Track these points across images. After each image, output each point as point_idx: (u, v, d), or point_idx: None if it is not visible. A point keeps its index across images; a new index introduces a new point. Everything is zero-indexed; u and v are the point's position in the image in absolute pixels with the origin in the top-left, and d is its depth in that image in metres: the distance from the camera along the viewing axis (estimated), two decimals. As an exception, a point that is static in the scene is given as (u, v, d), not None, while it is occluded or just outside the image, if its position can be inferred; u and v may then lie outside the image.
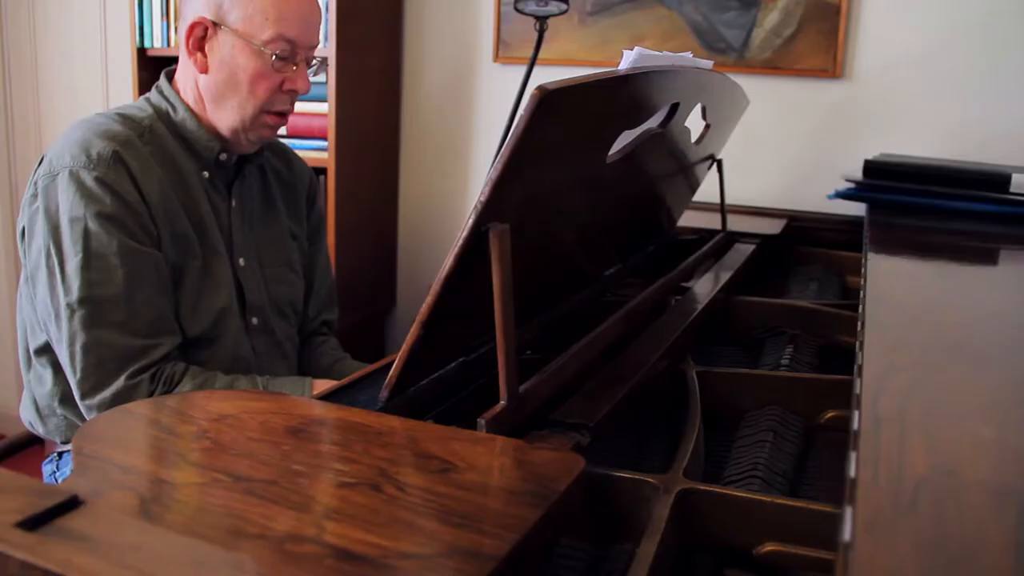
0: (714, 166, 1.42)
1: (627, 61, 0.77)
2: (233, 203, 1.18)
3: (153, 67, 1.91)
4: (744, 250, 1.41)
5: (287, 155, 1.33)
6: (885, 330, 0.74)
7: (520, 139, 0.63)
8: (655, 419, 0.94)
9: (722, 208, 1.45)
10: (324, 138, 1.78)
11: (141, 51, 1.92)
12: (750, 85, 1.76)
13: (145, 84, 1.87)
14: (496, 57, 1.94)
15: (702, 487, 0.68)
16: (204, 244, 1.12)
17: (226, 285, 1.13)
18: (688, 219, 1.55)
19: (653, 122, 0.98)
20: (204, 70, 1.12)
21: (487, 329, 0.84)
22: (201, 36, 1.11)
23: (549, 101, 0.63)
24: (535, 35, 1.50)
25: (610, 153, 0.87)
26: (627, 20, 1.77)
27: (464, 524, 0.51)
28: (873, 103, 1.72)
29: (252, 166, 1.23)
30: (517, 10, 1.43)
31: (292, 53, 1.11)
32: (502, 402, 0.68)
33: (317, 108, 1.78)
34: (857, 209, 1.58)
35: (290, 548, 0.48)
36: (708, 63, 1.08)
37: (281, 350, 1.24)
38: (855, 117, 1.74)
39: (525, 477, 0.57)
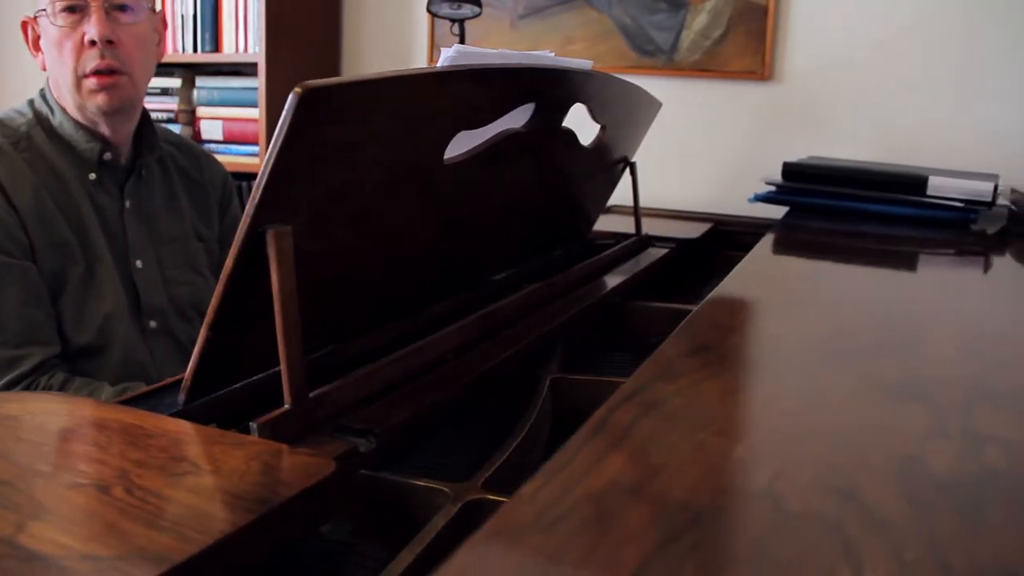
0: (627, 169, 1.40)
1: (444, 59, 0.76)
2: (127, 204, 1.17)
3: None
4: (656, 254, 1.39)
5: (197, 156, 1.32)
6: (695, 333, 0.72)
7: (286, 139, 0.62)
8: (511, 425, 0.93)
9: (635, 211, 1.43)
10: (256, 143, 1.79)
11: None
12: (679, 88, 1.75)
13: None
14: (430, 61, 1.94)
15: (492, 498, 0.66)
16: (86, 250, 1.11)
17: (113, 290, 1.12)
18: (621, 224, 1.53)
19: (514, 122, 0.97)
20: (44, 67, 1.14)
21: (321, 333, 0.84)
22: (36, 37, 1.14)
23: (313, 100, 0.62)
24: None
25: (449, 155, 0.86)
26: (557, 23, 1.76)
27: (166, 528, 0.50)
28: (802, 105, 1.70)
29: (152, 165, 1.22)
30: (430, 12, 1.42)
31: (83, 4, 1.10)
32: (285, 406, 0.67)
33: (248, 113, 1.79)
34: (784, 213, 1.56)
35: (-25, 549, 0.47)
36: (586, 63, 1.07)
37: (183, 353, 1.23)
38: (784, 119, 1.72)
39: (261, 482, 0.56)
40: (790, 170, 1.45)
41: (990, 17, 1.64)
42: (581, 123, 1.12)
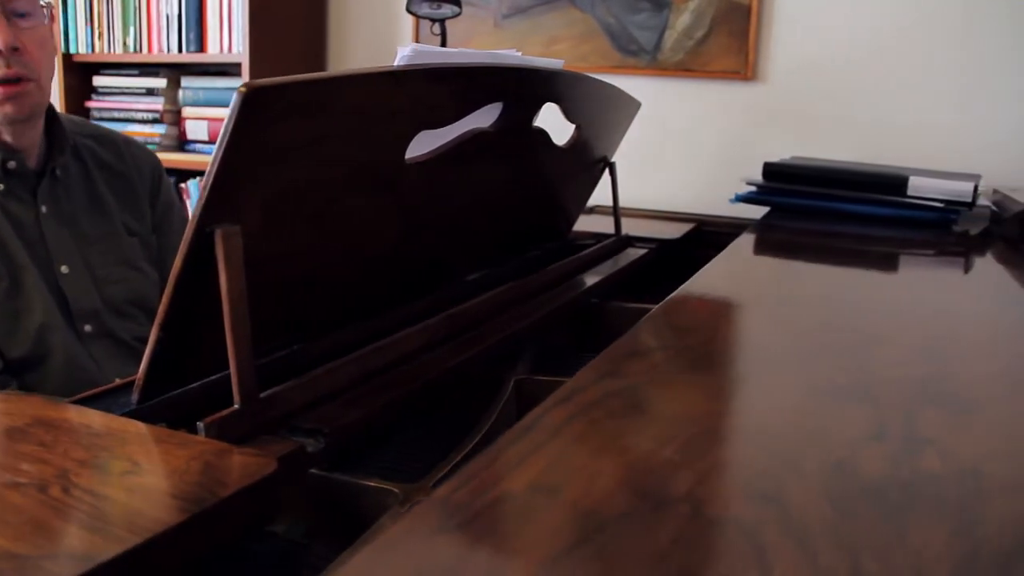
0: (607, 169, 1.40)
1: (400, 59, 0.76)
2: (43, 209, 1.14)
3: (80, 73, 1.93)
4: (635, 255, 1.39)
5: (118, 146, 1.28)
6: (648, 334, 0.72)
7: (231, 139, 0.62)
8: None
9: (615, 212, 1.43)
10: (240, 142, 1.79)
11: (67, 57, 1.94)
12: (663, 88, 1.75)
13: (72, 90, 1.89)
14: (416, 61, 1.94)
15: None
16: (7, 263, 1.08)
17: (41, 300, 1.10)
18: (604, 225, 1.53)
19: (482, 122, 0.96)
20: None
21: (285, 332, 0.84)
22: None
23: (259, 99, 0.62)
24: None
25: (412, 154, 0.86)
26: (541, 23, 1.76)
27: (97, 527, 0.50)
28: (786, 105, 1.70)
29: (68, 165, 1.19)
30: (410, 12, 1.42)
31: None
32: (235, 406, 0.67)
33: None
34: (769, 213, 1.55)
35: (-99, 548, 0.47)
36: (557, 62, 1.07)
37: (130, 351, 1.20)
38: (768, 119, 1.71)
39: (200, 481, 0.56)
40: (771, 170, 1.44)
41: (982, 18, 1.63)
42: (560, 123, 1.12)
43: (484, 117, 0.97)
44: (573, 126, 1.19)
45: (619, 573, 0.36)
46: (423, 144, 0.89)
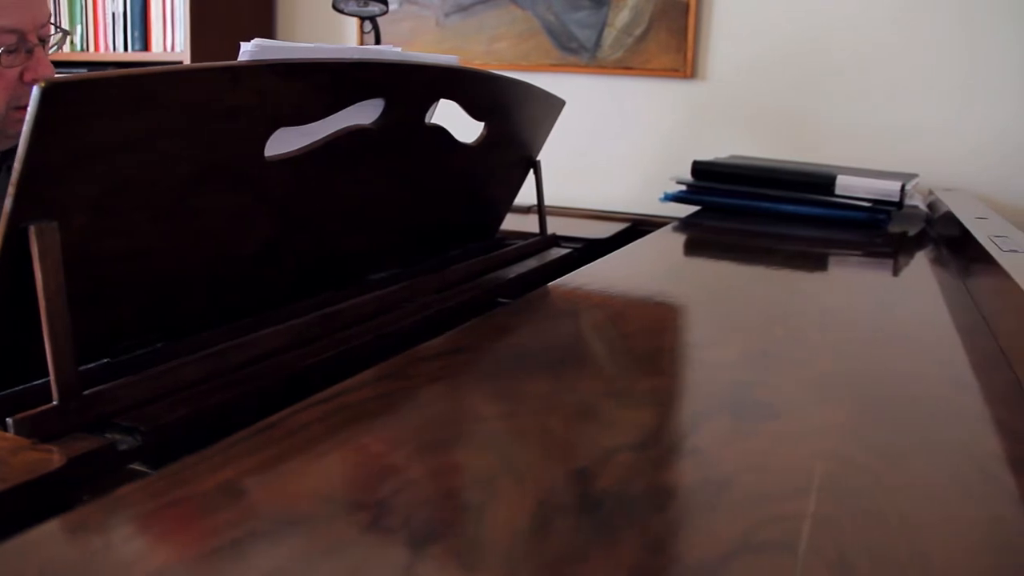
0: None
1: (242, 55, 0.75)
2: None
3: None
4: (558, 254, 1.38)
5: None
6: (472, 332, 0.71)
7: (32, 137, 0.62)
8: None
9: (539, 211, 1.42)
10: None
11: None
12: (603, 86, 1.73)
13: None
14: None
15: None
16: None
17: None
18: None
19: (363, 118, 0.96)
20: None
21: (146, 331, 0.84)
22: None
23: (60, 97, 0.62)
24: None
25: (278, 151, 0.85)
26: (482, 21, 1.75)
27: None
28: (726, 104, 1.67)
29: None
30: (336, 10, 1.42)
31: (21, 41, 1.05)
32: (53, 402, 0.67)
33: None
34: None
35: None
36: (451, 58, 1.06)
37: None
38: (709, 118, 1.69)
39: (-22, 479, 0.56)
40: (700, 169, 1.43)
41: (926, 14, 1.60)
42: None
43: (366, 113, 0.96)
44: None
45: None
46: (296, 141, 0.89)
